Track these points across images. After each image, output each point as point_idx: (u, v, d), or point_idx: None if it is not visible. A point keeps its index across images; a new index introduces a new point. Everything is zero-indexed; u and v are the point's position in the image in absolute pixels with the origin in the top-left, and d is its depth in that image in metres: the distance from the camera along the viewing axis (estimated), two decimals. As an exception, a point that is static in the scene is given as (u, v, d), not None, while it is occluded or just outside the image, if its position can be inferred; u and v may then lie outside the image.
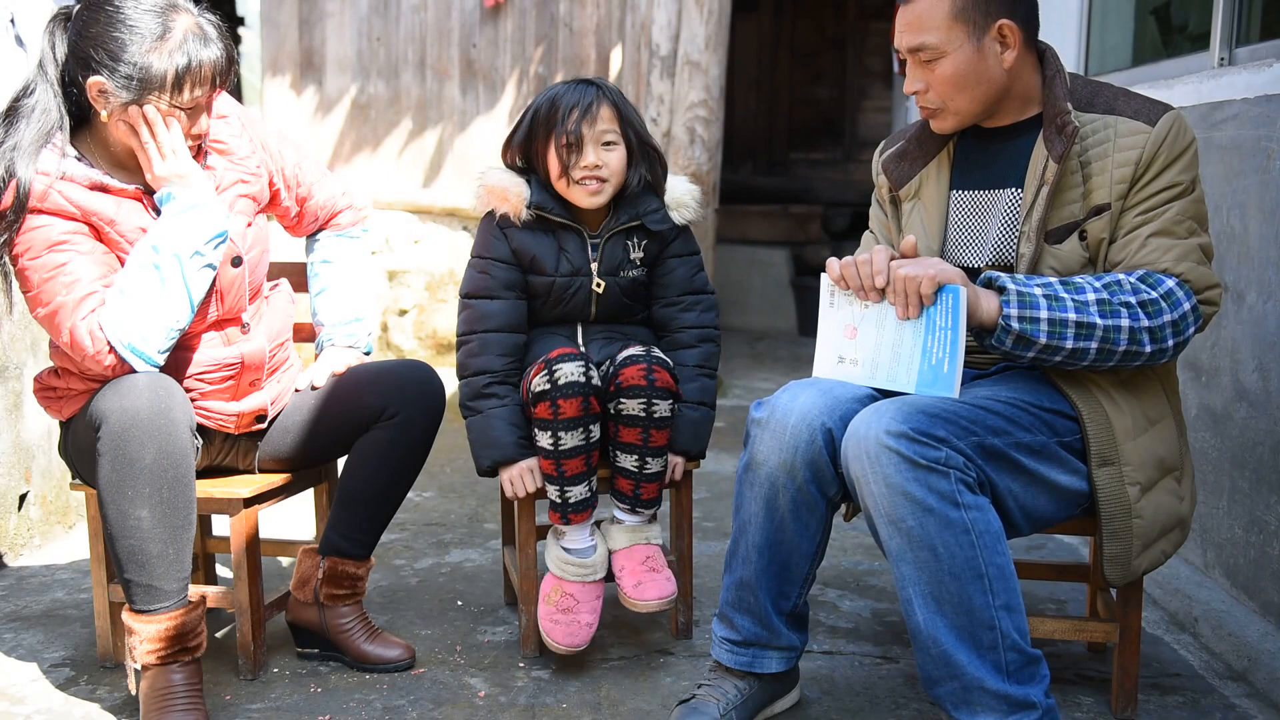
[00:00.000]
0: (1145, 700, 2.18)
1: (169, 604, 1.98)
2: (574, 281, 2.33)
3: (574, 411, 2.17)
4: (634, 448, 2.25)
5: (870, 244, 2.21)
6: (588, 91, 2.27)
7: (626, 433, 2.24)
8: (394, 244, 5.46)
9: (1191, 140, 1.90)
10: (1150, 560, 1.93)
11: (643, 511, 2.33)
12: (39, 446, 2.99)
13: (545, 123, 2.27)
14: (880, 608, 2.66)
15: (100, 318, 1.95)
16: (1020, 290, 1.79)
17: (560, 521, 2.29)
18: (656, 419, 2.23)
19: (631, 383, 2.20)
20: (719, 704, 1.99)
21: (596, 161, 2.26)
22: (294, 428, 2.29)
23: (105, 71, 1.93)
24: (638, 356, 2.23)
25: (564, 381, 2.15)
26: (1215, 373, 2.56)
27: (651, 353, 2.25)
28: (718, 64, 5.10)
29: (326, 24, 5.47)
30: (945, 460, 1.73)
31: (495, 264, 2.33)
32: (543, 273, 2.33)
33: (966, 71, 1.90)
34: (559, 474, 2.23)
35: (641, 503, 2.31)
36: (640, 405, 2.21)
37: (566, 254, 2.33)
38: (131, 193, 2.04)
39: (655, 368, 2.21)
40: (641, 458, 2.26)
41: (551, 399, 2.16)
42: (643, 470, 2.27)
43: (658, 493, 2.32)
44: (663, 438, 2.26)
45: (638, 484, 2.29)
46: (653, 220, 2.37)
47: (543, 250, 2.32)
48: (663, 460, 2.29)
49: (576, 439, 2.20)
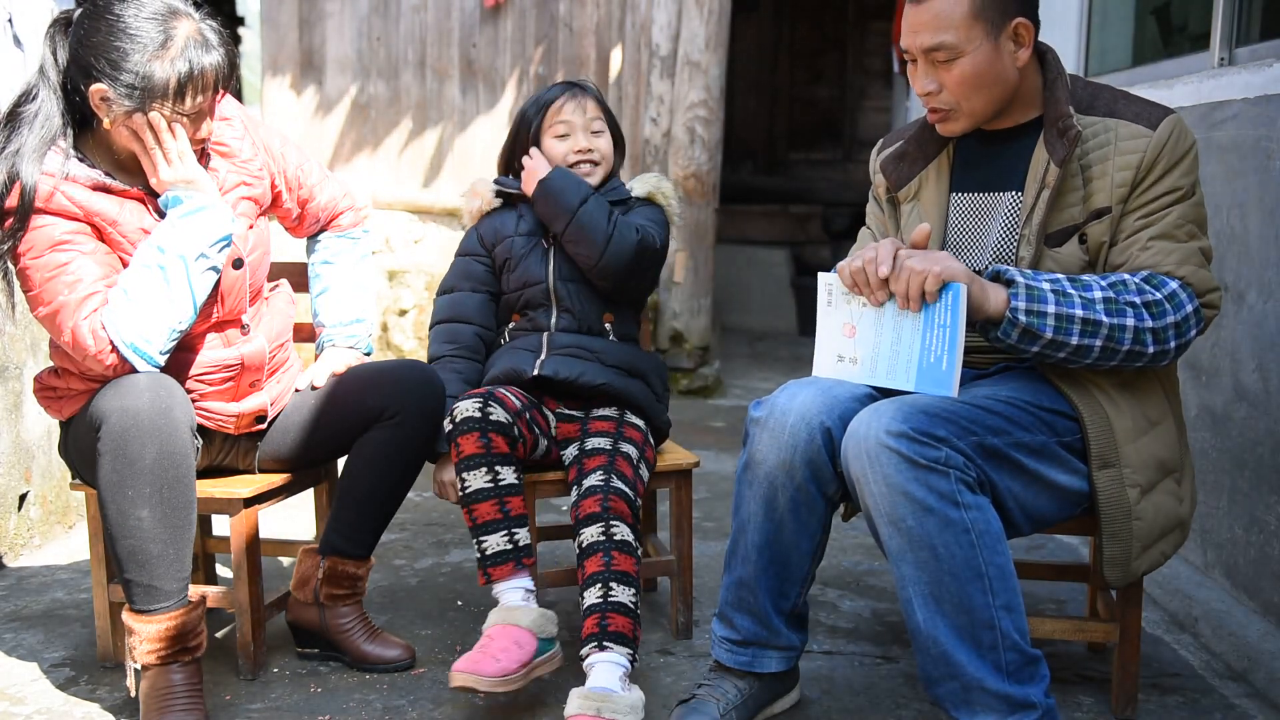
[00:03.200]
0: (1145, 700, 2.18)
1: (169, 604, 1.98)
2: (530, 240, 2.41)
3: (473, 448, 2.14)
4: (598, 575, 2.08)
5: (867, 240, 2.21)
6: (572, 87, 2.45)
7: (590, 563, 2.10)
8: (394, 244, 5.46)
9: (1192, 144, 1.89)
10: (1150, 561, 1.93)
11: (611, 647, 2.02)
12: (39, 446, 2.99)
13: (537, 117, 2.43)
14: (880, 608, 2.66)
15: (103, 317, 1.95)
16: (1029, 284, 1.79)
17: (481, 580, 2.17)
18: (618, 542, 2.10)
19: (588, 512, 2.13)
20: (719, 704, 1.99)
21: (589, 145, 2.41)
22: (294, 428, 2.29)
23: (107, 80, 1.93)
24: (595, 488, 2.15)
25: (460, 418, 2.16)
26: (1215, 373, 2.56)
27: (610, 483, 2.15)
28: (718, 64, 5.10)
29: (326, 24, 5.47)
30: (945, 460, 1.73)
31: (461, 259, 2.48)
32: (503, 237, 2.44)
33: (985, 71, 1.88)
34: (472, 522, 2.15)
35: (609, 636, 2.03)
36: (599, 529, 2.11)
37: (524, 219, 2.44)
38: (134, 193, 2.04)
39: (611, 497, 2.13)
40: (605, 584, 2.07)
41: (452, 438, 2.17)
42: (607, 598, 2.06)
43: (630, 631, 2.05)
44: (628, 564, 2.09)
45: (604, 614, 2.05)
46: (612, 194, 2.42)
47: (503, 222, 2.45)
48: (634, 594, 2.08)
49: (482, 480, 2.14)
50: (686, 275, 5.21)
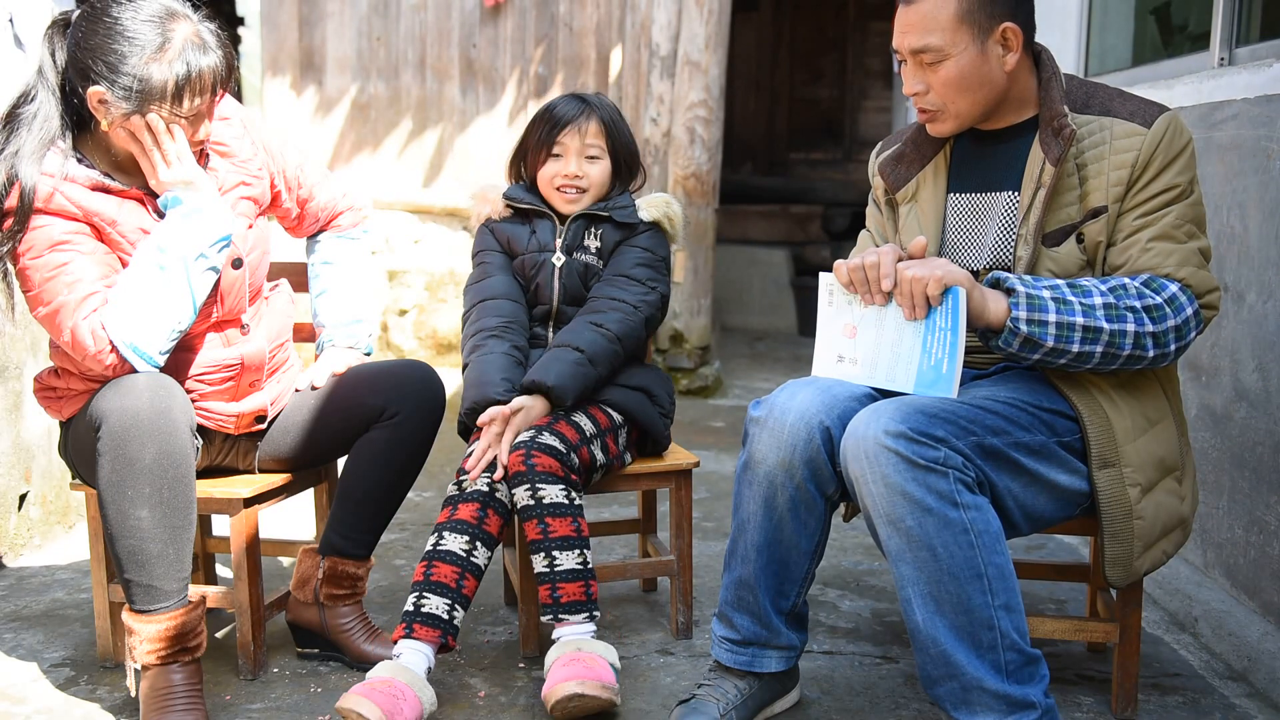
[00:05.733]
0: (1145, 700, 2.18)
1: (169, 604, 1.99)
2: (541, 256, 2.42)
3: (468, 516, 2.13)
4: (538, 544, 2.13)
5: (867, 243, 2.21)
6: (580, 107, 2.41)
7: (528, 529, 2.14)
8: (394, 244, 5.46)
9: (1188, 141, 1.89)
10: (1152, 561, 1.93)
11: (567, 619, 2.12)
12: (39, 446, 2.99)
13: (537, 133, 2.43)
14: (880, 608, 2.66)
15: (102, 317, 1.95)
16: (1029, 293, 1.79)
17: (399, 630, 2.07)
18: (547, 505, 2.12)
19: (515, 469, 2.14)
20: (719, 704, 1.99)
21: (578, 172, 2.40)
22: (294, 428, 2.30)
23: (105, 83, 1.93)
24: (521, 442, 2.16)
25: (469, 489, 2.16)
26: (1215, 373, 2.56)
27: (536, 439, 2.15)
28: (718, 64, 5.10)
29: (326, 24, 5.47)
30: (944, 460, 1.73)
31: (487, 253, 2.48)
32: (517, 252, 2.45)
33: (970, 74, 1.90)
34: (425, 577, 2.09)
35: (563, 608, 2.11)
36: (526, 492, 2.13)
37: (536, 235, 2.45)
38: (133, 194, 2.04)
39: (534, 452, 2.13)
40: (548, 553, 2.12)
41: (454, 501, 2.17)
42: (554, 568, 2.12)
43: (583, 595, 2.13)
44: (564, 526, 2.13)
45: (554, 585, 2.12)
46: (620, 213, 2.42)
47: (518, 233, 2.46)
48: (578, 555, 2.14)
49: (458, 546, 2.11)
50: (686, 275, 5.21)
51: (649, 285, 2.38)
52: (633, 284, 2.37)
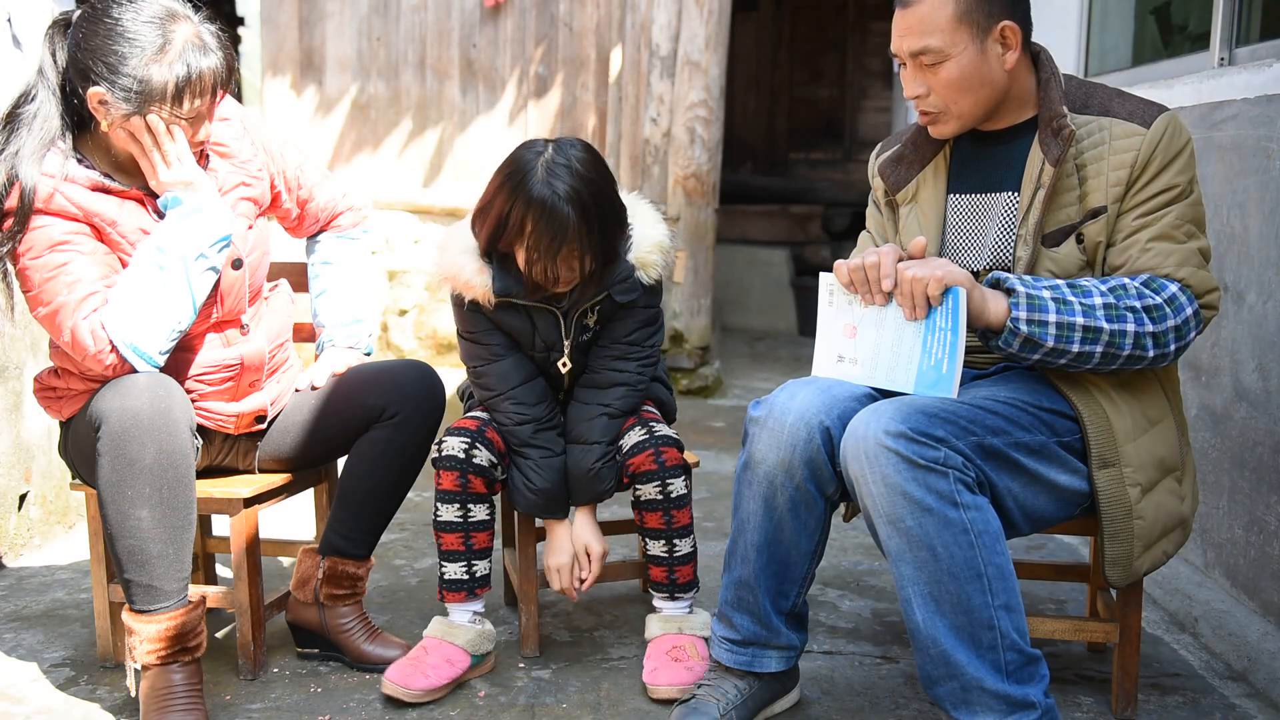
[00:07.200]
0: (1145, 700, 2.18)
1: (169, 604, 1.99)
2: (549, 356, 2.29)
3: (450, 485, 2.22)
4: (659, 533, 2.28)
5: (867, 244, 2.21)
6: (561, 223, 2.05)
7: (649, 518, 2.28)
8: (394, 244, 5.46)
9: (1187, 141, 1.89)
10: (1152, 560, 1.93)
11: (681, 597, 2.33)
12: (39, 446, 2.99)
13: (516, 231, 2.09)
14: (880, 608, 2.66)
15: (102, 317, 1.95)
16: (1029, 293, 1.79)
17: (438, 597, 2.30)
18: (674, 499, 2.26)
19: (643, 469, 2.25)
20: (719, 704, 1.99)
21: (559, 276, 2.13)
22: (294, 428, 2.30)
23: (105, 84, 1.93)
24: (644, 443, 2.26)
25: (445, 454, 2.22)
26: (1215, 373, 2.56)
27: (655, 433, 2.27)
28: (718, 64, 5.10)
29: (326, 24, 5.47)
30: (944, 460, 1.73)
31: (484, 334, 2.26)
32: (522, 346, 2.29)
33: (971, 74, 1.89)
34: (437, 547, 2.27)
35: (679, 588, 2.32)
36: (656, 489, 2.25)
37: (539, 332, 2.26)
38: (133, 194, 2.04)
39: (663, 448, 2.25)
40: (669, 541, 2.29)
41: (436, 466, 2.24)
42: (673, 554, 2.30)
43: (693, 575, 2.34)
44: (686, 516, 2.29)
45: (670, 568, 2.31)
46: (620, 291, 2.22)
47: (517, 327, 2.25)
48: (691, 540, 2.31)
49: (453, 514, 2.23)
50: (686, 275, 5.21)
51: (648, 346, 2.31)
52: (633, 349, 2.29)
